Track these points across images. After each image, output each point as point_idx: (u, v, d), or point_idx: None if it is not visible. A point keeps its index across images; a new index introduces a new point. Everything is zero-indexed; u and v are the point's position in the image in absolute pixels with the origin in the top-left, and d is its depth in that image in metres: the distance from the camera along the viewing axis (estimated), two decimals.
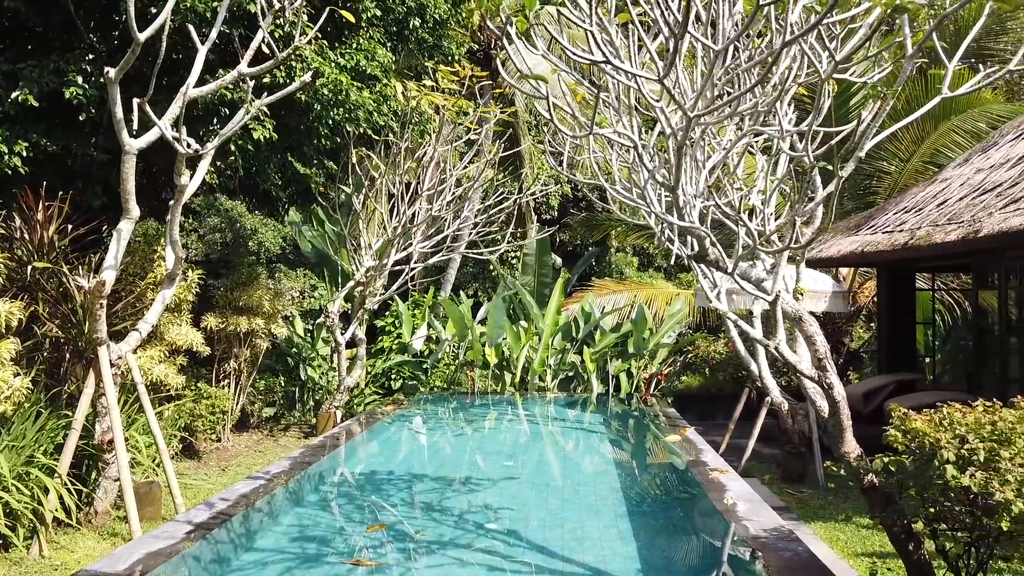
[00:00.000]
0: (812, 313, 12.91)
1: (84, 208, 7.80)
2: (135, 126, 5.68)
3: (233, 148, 7.73)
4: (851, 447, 4.37)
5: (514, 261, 18.68)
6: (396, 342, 13.98)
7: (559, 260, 19.40)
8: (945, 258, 9.95)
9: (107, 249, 6.01)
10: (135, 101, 5.39)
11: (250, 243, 12.71)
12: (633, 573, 5.12)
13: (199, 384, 9.50)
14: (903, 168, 13.29)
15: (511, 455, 8.97)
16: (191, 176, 6.35)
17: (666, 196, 4.80)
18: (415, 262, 11.49)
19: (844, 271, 14.58)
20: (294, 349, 12.46)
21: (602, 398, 12.86)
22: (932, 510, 3.90)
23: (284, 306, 12.07)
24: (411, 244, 10.98)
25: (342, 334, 10.82)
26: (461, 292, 16.47)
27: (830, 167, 4.14)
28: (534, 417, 11.55)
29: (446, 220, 11.24)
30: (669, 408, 11.08)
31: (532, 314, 13.81)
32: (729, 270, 4.06)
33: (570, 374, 13.56)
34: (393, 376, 13.59)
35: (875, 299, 12.95)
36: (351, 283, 10.75)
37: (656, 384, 13.30)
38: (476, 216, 11.76)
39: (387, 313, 14.79)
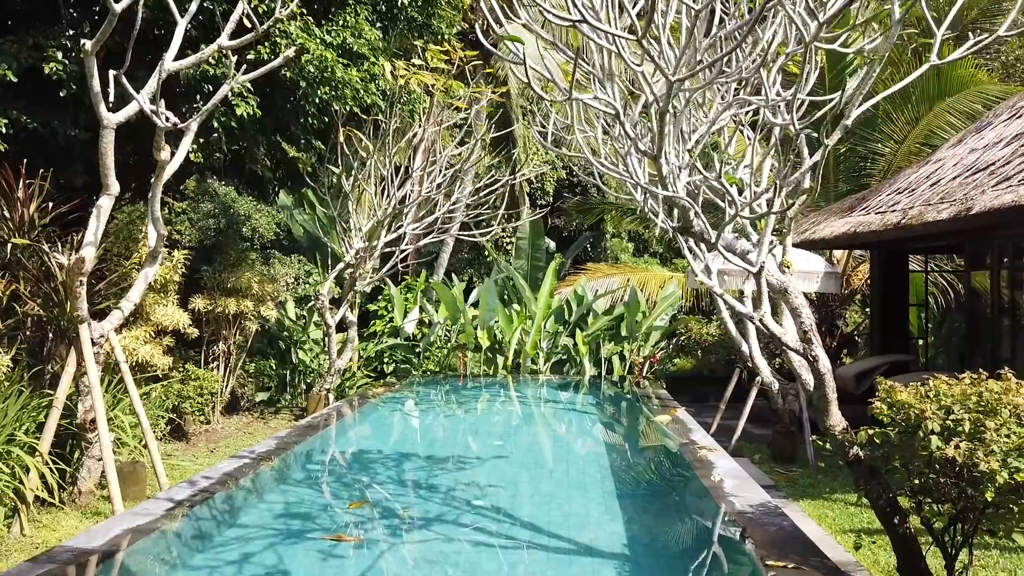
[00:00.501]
0: (804, 294, 12.90)
1: (67, 187, 7.71)
2: (113, 99, 5.59)
3: (216, 125, 7.62)
4: (836, 420, 4.32)
5: (508, 246, 18.61)
6: (388, 326, 13.91)
7: (552, 244, 19.32)
8: (938, 238, 9.90)
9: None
10: (111, 73, 5.29)
11: (244, 229, 12.59)
12: (619, 548, 5.09)
13: (187, 366, 9.43)
14: (897, 150, 13.22)
15: (501, 436, 8.94)
16: (172, 153, 6.26)
17: (651, 173, 4.73)
18: (406, 244, 11.42)
19: (838, 254, 14.52)
20: (285, 332, 12.40)
21: (594, 381, 12.83)
22: (917, 482, 3.86)
23: (279, 292, 12.00)
24: (402, 226, 10.90)
25: (332, 317, 10.75)
26: (454, 276, 16.38)
27: (816, 135, 4.07)
28: (525, 399, 11.52)
29: (437, 202, 11.15)
30: (661, 390, 11.06)
31: (525, 297, 13.76)
32: (713, 241, 4.00)
33: (563, 357, 13.53)
34: (386, 360, 13.54)
35: (869, 282, 12.91)
36: (341, 265, 10.68)
37: (649, 367, 13.26)
38: (468, 198, 11.68)
39: (380, 297, 14.71)
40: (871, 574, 5.05)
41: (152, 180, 6.26)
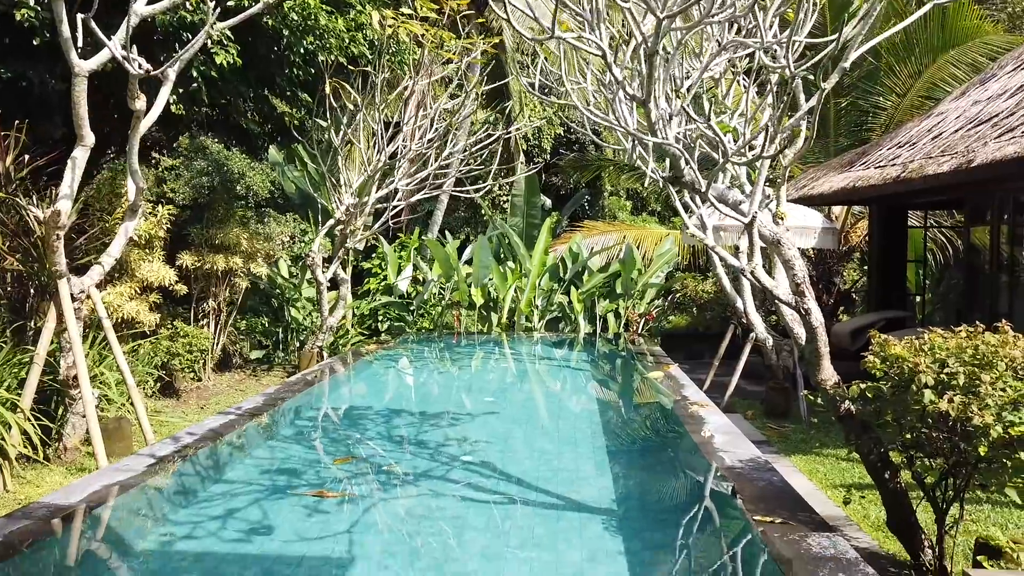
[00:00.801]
0: (800, 250, 12.74)
1: (45, 139, 7.50)
2: (88, 47, 5.37)
3: (196, 75, 7.38)
4: (828, 375, 4.23)
5: (505, 204, 18.39)
6: (382, 283, 13.79)
7: (548, 201, 19.10)
8: (938, 193, 9.72)
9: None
10: (79, 17, 5.07)
11: (238, 187, 12.36)
12: (607, 503, 5.04)
13: (176, 323, 9.33)
14: (900, 104, 12.95)
15: (493, 392, 8.88)
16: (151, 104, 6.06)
17: (643, 122, 4.55)
18: (398, 200, 11.23)
19: (837, 211, 14.34)
20: (277, 290, 12.28)
21: (589, 338, 12.76)
22: (908, 437, 3.78)
23: (274, 250, 11.85)
24: (393, 182, 10.70)
25: (324, 274, 10.62)
26: (448, 234, 16.19)
27: (811, 77, 3.89)
28: (519, 356, 11.46)
29: (429, 156, 10.93)
30: (655, 347, 10.99)
31: (519, 255, 13.61)
32: (703, 190, 3.85)
33: (558, 315, 13.44)
34: (380, 317, 13.46)
35: (867, 238, 12.76)
36: (331, 221, 10.50)
37: (644, 324, 13.19)
38: (462, 153, 11.44)
39: (374, 255, 14.56)
40: (861, 528, 5.01)
41: (130, 131, 6.06)
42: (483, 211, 17.93)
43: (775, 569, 3.50)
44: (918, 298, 13.38)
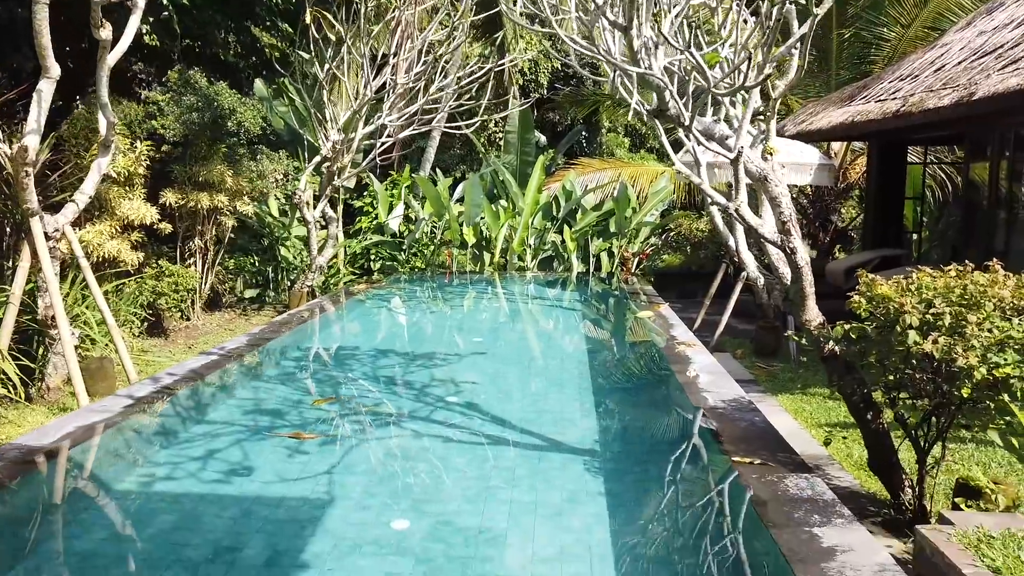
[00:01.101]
0: (795, 186, 12.49)
1: (15, 72, 7.23)
2: None
3: (166, 2, 7.06)
4: (813, 315, 4.14)
5: (500, 142, 18.03)
6: (373, 222, 13.62)
7: (543, 138, 18.71)
8: (939, 128, 9.47)
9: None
10: None
11: (229, 123, 12.04)
12: (590, 443, 5.01)
13: (160, 262, 9.20)
14: (904, 35, 12.53)
15: (482, 332, 8.83)
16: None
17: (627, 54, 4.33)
18: (386, 137, 10.96)
19: (836, 147, 14.05)
20: (266, 229, 12.12)
21: (582, 277, 12.67)
22: (892, 378, 3.71)
23: (267, 188, 11.64)
24: (380, 117, 10.41)
25: (312, 213, 10.44)
26: (439, 171, 15.89)
27: (804, 2, 3.68)
28: (510, 296, 11.39)
29: (418, 91, 10.61)
30: (647, 286, 10.90)
31: (512, 193, 13.39)
32: (687, 124, 3.67)
33: (551, 254, 13.32)
34: (372, 257, 13.33)
35: (866, 175, 12.52)
36: (317, 158, 10.26)
37: (638, 263, 13.08)
38: (453, 86, 11.09)
39: (365, 193, 14.34)
40: (843, 468, 5.00)
41: (97, 62, 5.82)
42: (477, 148, 17.61)
43: (751, 511, 3.47)
44: (915, 236, 13.24)
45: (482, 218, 12.91)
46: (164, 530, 3.81)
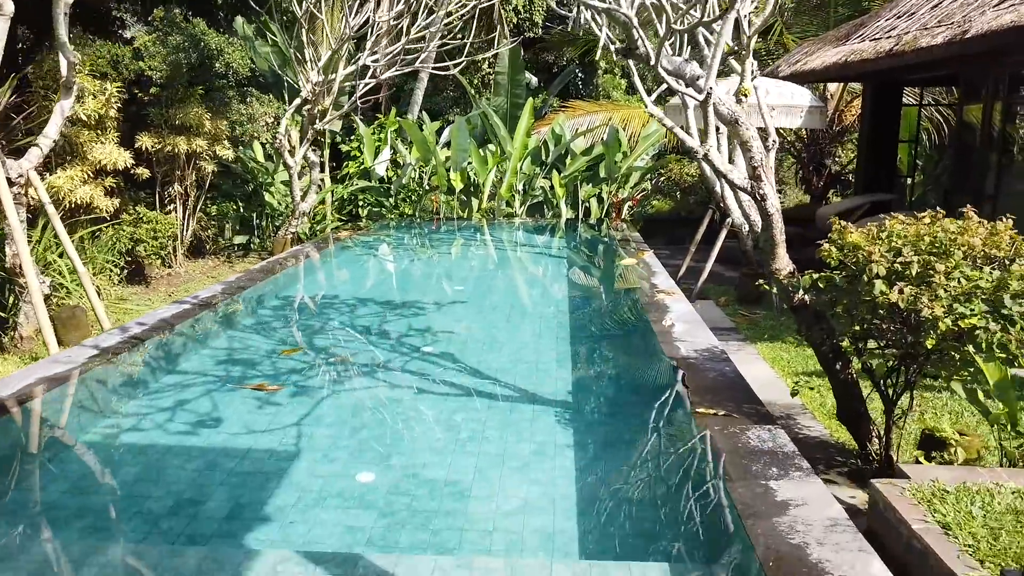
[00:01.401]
0: (783, 129, 12.22)
1: None
2: None
3: None
4: (783, 264, 4.04)
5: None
6: (360, 167, 13.39)
7: (534, 80, 18.26)
8: (934, 68, 9.20)
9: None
10: None
11: (216, 64, 11.69)
12: (562, 395, 4.98)
13: (138, 208, 9.05)
14: None
15: (464, 281, 8.74)
16: None
17: None
18: (370, 78, 10.67)
19: (832, 88, 13.73)
20: (249, 174, 11.92)
21: (571, 224, 12.52)
22: (858, 328, 3.63)
23: (258, 132, 11.40)
24: (361, 58, 10.11)
25: (294, 157, 10.23)
26: (427, 114, 15.52)
27: None
28: (496, 243, 11.28)
29: (401, 29, 10.27)
30: (634, 232, 10.78)
31: (500, 137, 13.12)
32: (653, 62, 3.50)
33: (540, 200, 13.13)
34: (361, 203, 13.15)
35: (860, 117, 12.25)
36: (297, 100, 10.01)
37: (629, 209, 12.91)
38: (440, 23, 10.73)
39: (352, 137, 14.07)
40: (815, 417, 4.98)
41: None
42: (467, 91, 17.19)
43: (709, 464, 3.43)
44: (909, 180, 13.03)
45: (469, 163, 12.68)
46: (126, 482, 3.80)
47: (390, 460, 4.02)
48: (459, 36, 11.07)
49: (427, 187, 13.01)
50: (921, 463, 3.54)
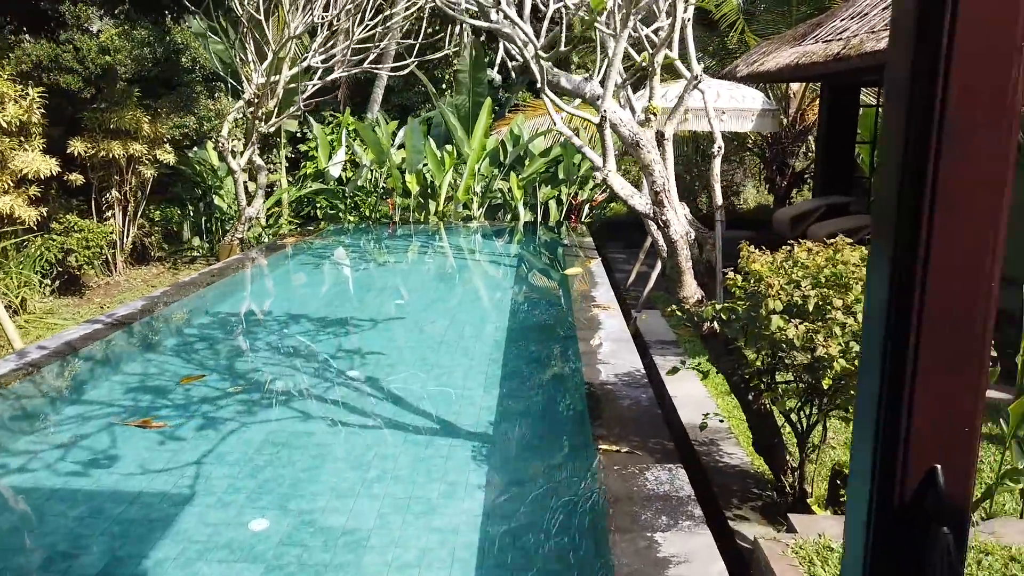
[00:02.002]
0: (733, 134, 12.04)
1: None
2: None
3: None
4: (690, 291, 3.85)
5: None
6: (314, 168, 13.11)
7: (497, 77, 17.97)
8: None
9: None
10: None
11: (183, 59, 11.37)
12: (484, 426, 4.77)
13: (68, 216, 8.74)
14: None
15: (406, 293, 8.50)
16: None
17: None
18: (318, 78, 10.39)
19: (795, 87, 13.58)
20: (198, 177, 11.61)
21: (529, 226, 12.31)
22: (761, 364, 3.45)
23: (217, 131, 11.09)
24: (306, 59, 9.83)
25: (238, 161, 9.95)
26: (380, 113, 15.21)
27: None
28: (445, 250, 11.04)
29: (348, 29, 10.00)
30: (586, 239, 10.57)
31: (457, 137, 12.87)
32: (539, 84, 3.29)
33: (498, 202, 12.90)
34: (319, 205, 12.87)
35: (818, 117, 12.10)
36: (239, 103, 9.72)
37: (587, 211, 12.71)
38: (391, 20, 10.45)
39: (310, 137, 13.76)
40: (739, 442, 4.80)
41: None
42: (428, 89, 16.89)
43: (599, 512, 3.24)
44: (870, 181, 12.91)
45: (425, 165, 12.43)
46: None
47: (289, 504, 3.80)
48: (416, 32, 10.80)
49: (383, 189, 12.74)
50: (816, 512, 3.36)
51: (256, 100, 9.77)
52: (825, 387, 3.08)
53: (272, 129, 10.26)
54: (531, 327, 7.06)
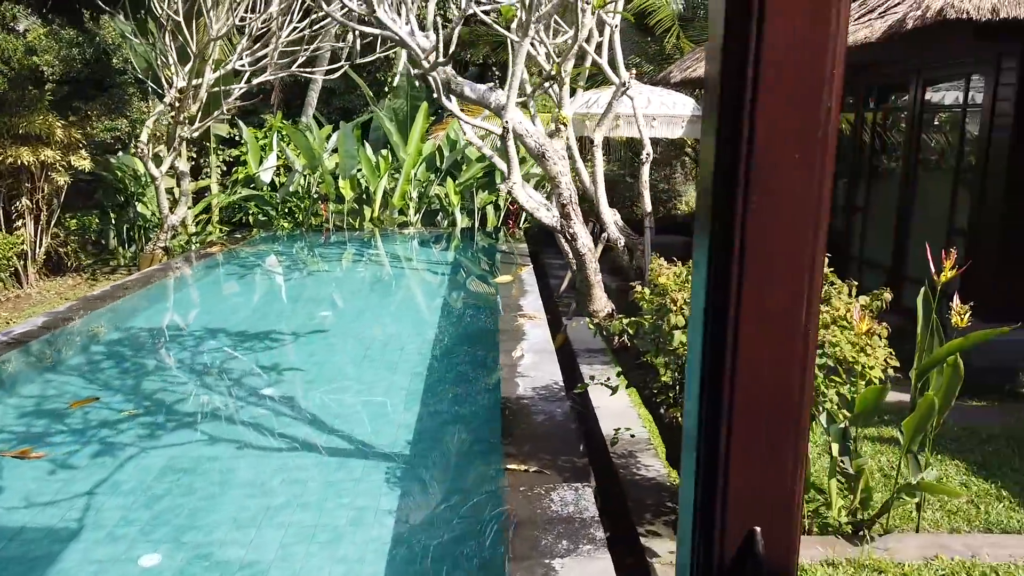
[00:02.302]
0: (656, 139, 12.09)
1: None
2: None
3: None
4: (600, 305, 3.78)
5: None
6: (244, 174, 12.73)
7: None
8: None
9: None
10: None
11: (114, 60, 10.86)
12: (401, 445, 4.62)
13: None
14: None
15: (332, 304, 8.28)
16: None
17: None
18: (244, 81, 10.09)
19: None
20: (120, 184, 11.15)
21: (466, 233, 12.18)
22: (667, 379, 3.39)
23: (161, 131, 10.63)
24: (230, 62, 9.52)
25: (159, 167, 9.59)
26: (312, 117, 14.86)
27: None
28: (379, 258, 10.83)
29: (272, 31, 9.72)
30: (520, 245, 10.50)
31: (392, 142, 12.66)
32: (436, 95, 3.17)
33: (435, 207, 12.74)
34: (251, 212, 12.50)
35: None
36: (159, 108, 9.37)
37: (525, 217, 12.64)
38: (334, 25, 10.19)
39: (242, 142, 13.38)
40: (657, 454, 4.76)
41: None
42: (367, 92, 16.62)
43: (499, 537, 3.14)
44: None
45: (360, 170, 12.19)
46: None
47: (184, 537, 3.59)
48: (349, 35, 10.56)
49: (316, 195, 12.45)
50: None
51: (178, 104, 9.43)
52: None
53: (197, 134, 9.92)
54: (457, 339, 6.93)
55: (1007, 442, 4.50)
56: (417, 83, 13.34)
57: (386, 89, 16.38)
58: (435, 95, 3.27)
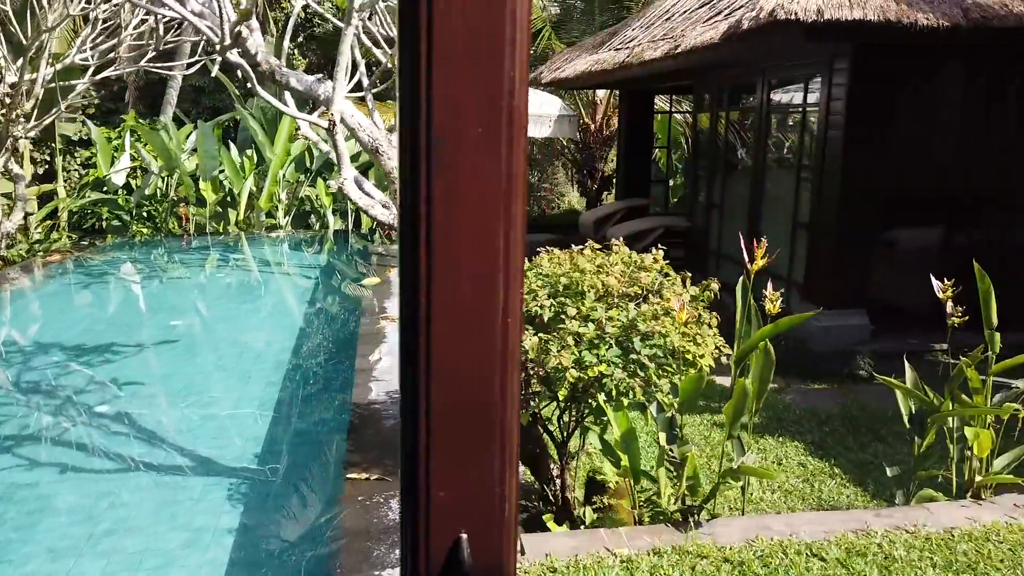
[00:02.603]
0: (544, 140, 12.30)
1: None
2: None
3: None
4: None
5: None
6: (94, 176, 11.87)
7: (309, 77, 17.28)
8: (673, 78, 9.51)
9: None
10: None
11: None
12: (248, 458, 4.37)
13: None
14: None
15: (184, 312, 7.81)
16: None
17: None
18: (89, 75, 9.37)
19: (601, 93, 14.06)
20: None
21: (340, 235, 11.85)
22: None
23: None
24: (68, 56, 8.82)
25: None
26: (172, 117, 14.07)
27: None
28: (242, 263, 10.35)
29: (118, 24, 9.09)
30: (394, 245, 10.32)
31: (258, 142, 12.15)
32: (251, 85, 2.98)
33: (307, 209, 12.32)
34: (104, 217, 11.65)
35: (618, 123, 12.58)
36: None
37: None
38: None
39: (92, 143, 12.45)
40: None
41: None
42: (231, 90, 15.90)
43: (330, 551, 2.99)
44: (671, 183, 13.62)
45: (222, 171, 11.62)
46: None
47: None
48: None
49: (174, 198, 11.77)
50: (551, 528, 3.31)
51: (9, 101, 8.66)
52: (561, 397, 3.01)
53: (34, 133, 9.14)
54: (317, 345, 6.69)
55: (843, 422, 4.75)
56: (307, 76, 12.86)
57: (237, 92, 15.77)
58: (248, 84, 3.08)
